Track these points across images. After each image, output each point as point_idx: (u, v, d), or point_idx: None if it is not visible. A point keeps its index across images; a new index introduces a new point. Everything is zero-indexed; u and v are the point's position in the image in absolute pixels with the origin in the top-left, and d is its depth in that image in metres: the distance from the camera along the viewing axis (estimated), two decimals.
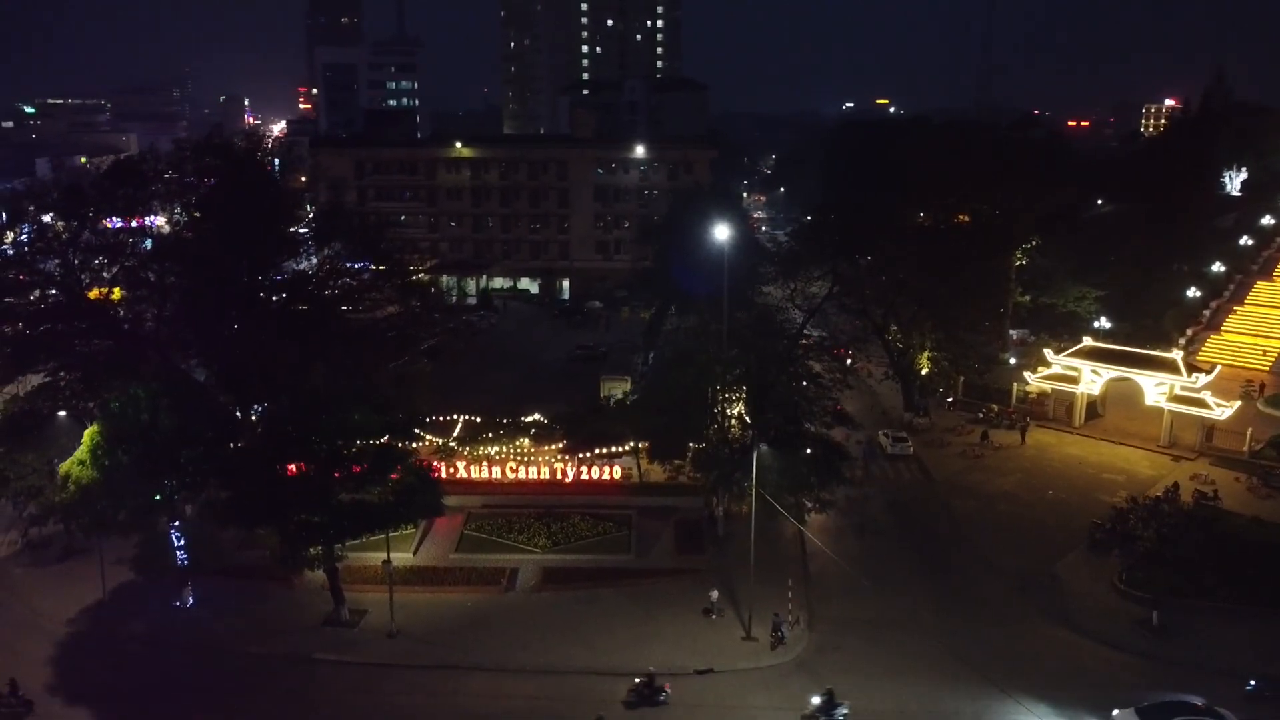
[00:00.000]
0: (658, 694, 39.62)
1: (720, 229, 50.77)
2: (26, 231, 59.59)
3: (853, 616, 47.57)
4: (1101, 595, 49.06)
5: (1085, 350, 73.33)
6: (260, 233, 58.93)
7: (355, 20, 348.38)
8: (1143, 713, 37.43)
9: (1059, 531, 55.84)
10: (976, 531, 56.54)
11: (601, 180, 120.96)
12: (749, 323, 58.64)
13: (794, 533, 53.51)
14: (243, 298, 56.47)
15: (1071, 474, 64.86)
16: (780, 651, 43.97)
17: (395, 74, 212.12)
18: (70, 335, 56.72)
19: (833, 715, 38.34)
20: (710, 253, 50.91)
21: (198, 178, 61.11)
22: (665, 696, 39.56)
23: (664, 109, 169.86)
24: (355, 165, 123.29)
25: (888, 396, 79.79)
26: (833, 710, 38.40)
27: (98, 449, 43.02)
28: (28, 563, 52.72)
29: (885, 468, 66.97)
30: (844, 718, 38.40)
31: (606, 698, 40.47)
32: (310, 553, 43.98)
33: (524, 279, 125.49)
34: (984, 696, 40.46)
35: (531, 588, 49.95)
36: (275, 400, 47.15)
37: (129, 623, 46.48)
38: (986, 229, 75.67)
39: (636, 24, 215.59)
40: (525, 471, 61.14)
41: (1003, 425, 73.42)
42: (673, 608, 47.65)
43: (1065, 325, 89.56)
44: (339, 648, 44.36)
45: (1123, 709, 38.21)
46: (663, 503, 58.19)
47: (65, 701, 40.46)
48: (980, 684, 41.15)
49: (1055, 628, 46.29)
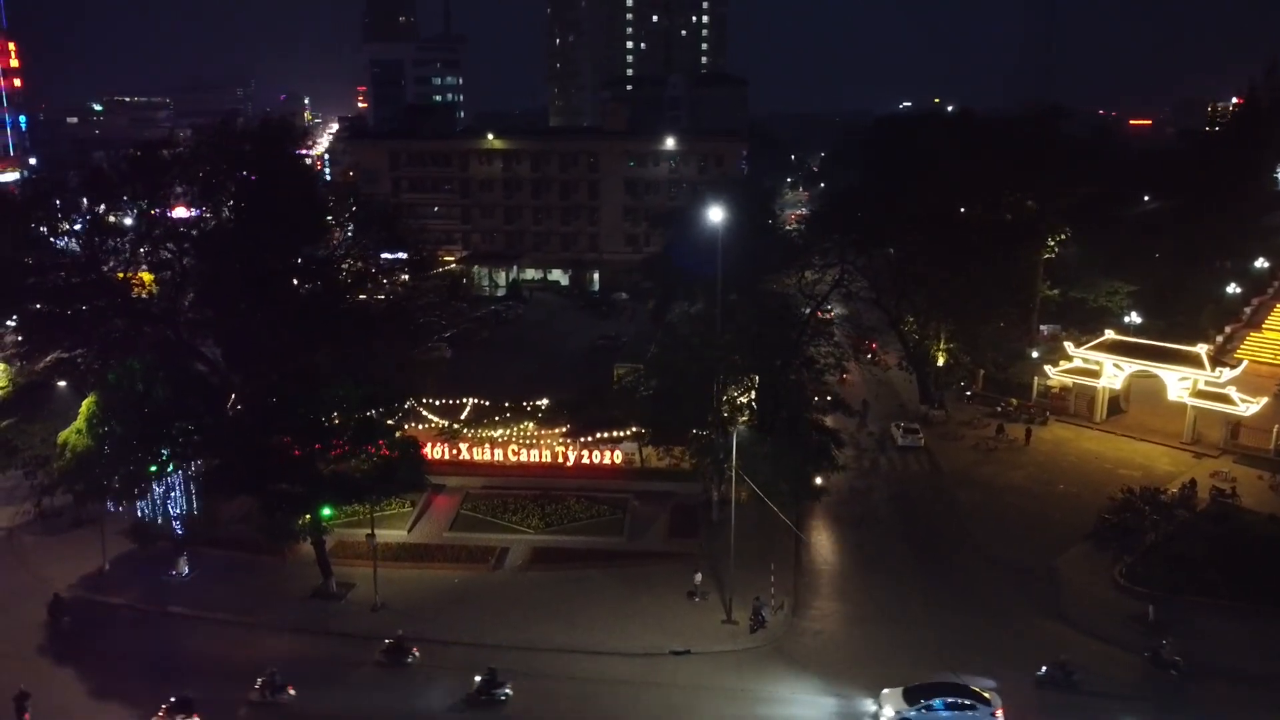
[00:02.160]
0: (497, 688, 38.67)
1: (714, 212, 50.36)
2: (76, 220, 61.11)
3: (840, 604, 47.13)
4: (1100, 589, 47.77)
5: (1107, 343, 71.45)
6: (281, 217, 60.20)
7: (411, 19, 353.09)
8: (908, 693, 37.38)
9: (1064, 526, 54.45)
10: (979, 524, 55.39)
11: (632, 173, 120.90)
12: (753, 310, 58.02)
13: (791, 520, 52.93)
14: (259, 280, 57.31)
15: (1086, 469, 63.22)
16: (760, 635, 43.56)
17: (441, 70, 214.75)
18: (92, 315, 58.44)
19: (492, 694, 38.28)
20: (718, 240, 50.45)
21: (219, 163, 62.60)
22: (505, 696, 38.73)
23: (703, 104, 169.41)
24: (390, 157, 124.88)
25: (906, 389, 78.65)
26: (492, 690, 38.31)
27: (93, 418, 44.15)
28: (38, 531, 54.36)
29: (894, 459, 65.96)
30: (505, 698, 38.35)
31: (578, 674, 40.60)
32: (298, 524, 44.60)
33: (555, 271, 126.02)
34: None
35: (519, 567, 50.17)
36: (265, 374, 47.88)
37: (124, 590, 47.63)
38: (1001, 220, 73.90)
39: (681, 20, 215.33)
40: (527, 454, 61.46)
41: (1020, 419, 71.88)
42: (657, 589, 47.50)
43: (1096, 321, 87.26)
44: (323, 619, 44.98)
45: (891, 688, 37.99)
46: (661, 488, 58.07)
47: (53, 661, 41.67)
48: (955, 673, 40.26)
49: (1047, 621, 45.17)
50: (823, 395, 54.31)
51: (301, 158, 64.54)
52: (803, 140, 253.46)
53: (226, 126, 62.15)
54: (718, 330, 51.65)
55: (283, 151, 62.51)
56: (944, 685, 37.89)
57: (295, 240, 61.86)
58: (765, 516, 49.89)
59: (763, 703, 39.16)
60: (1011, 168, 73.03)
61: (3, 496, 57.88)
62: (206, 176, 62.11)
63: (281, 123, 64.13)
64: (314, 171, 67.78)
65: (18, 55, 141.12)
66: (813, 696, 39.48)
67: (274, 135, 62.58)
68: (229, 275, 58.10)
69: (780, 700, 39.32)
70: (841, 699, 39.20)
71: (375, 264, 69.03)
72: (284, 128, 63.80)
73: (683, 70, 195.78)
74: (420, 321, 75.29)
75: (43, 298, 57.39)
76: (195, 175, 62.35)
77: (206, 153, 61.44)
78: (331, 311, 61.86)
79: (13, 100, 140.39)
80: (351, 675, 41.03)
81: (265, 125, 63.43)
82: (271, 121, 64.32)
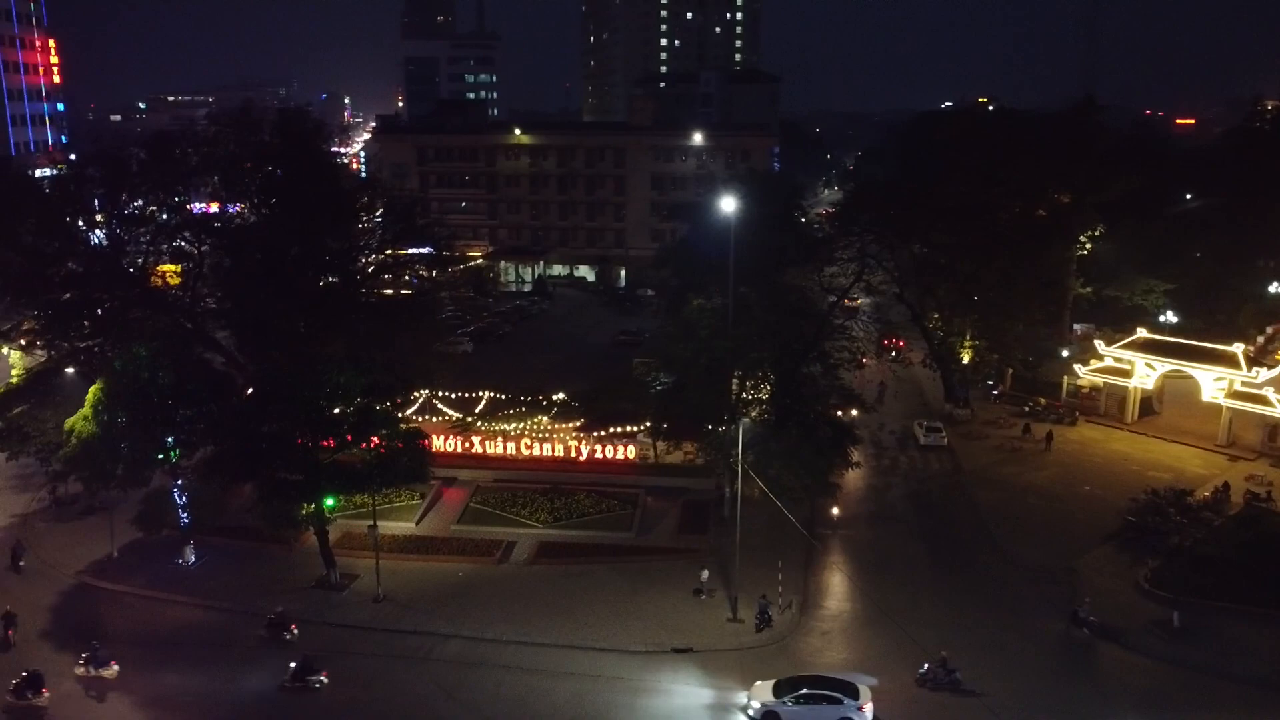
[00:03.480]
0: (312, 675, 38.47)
1: (727, 203, 49.32)
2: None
3: (850, 604, 45.93)
4: (1122, 593, 46.04)
5: (1139, 342, 69.33)
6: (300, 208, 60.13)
7: (449, 19, 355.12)
8: (778, 686, 37.14)
9: (1088, 527, 52.76)
10: (999, 524, 53.80)
11: (658, 168, 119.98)
12: (769, 303, 56.84)
13: (804, 518, 51.81)
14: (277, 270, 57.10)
15: (1114, 470, 61.29)
16: (765, 635, 42.49)
17: (474, 67, 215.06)
18: (111, 304, 58.72)
19: (306, 681, 38.18)
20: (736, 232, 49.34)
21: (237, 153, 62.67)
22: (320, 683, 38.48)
23: (735, 101, 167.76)
24: (417, 152, 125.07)
25: (930, 387, 76.98)
26: (306, 676, 38.23)
27: (98, 405, 44.12)
28: (52, 518, 54.67)
29: (915, 457, 64.45)
30: (319, 685, 38.13)
31: (576, 671, 39.83)
32: (300, 514, 44.24)
33: (582, 266, 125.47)
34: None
35: (524, 561, 49.49)
36: (269, 361, 47.62)
37: (130, 577, 47.62)
38: (1033, 213, 71.86)
39: (715, 17, 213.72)
40: (540, 448, 60.81)
41: (1049, 419, 69.98)
42: (663, 586, 46.58)
43: (1131, 319, 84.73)
44: (324, 609, 44.61)
45: (764, 681, 37.71)
46: (674, 483, 57.17)
47: (54, 647, 41.63)
48: (968, 676, 38.93)
49: (1065, 624, 43.55)
50: (837, 391, 52.81)
51: (322, 148, 63.84)
52: (841, 139, 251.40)
53: (244, 116, 61.92)
54: (730, 322, 50.54)
55: (303, 142, 62.37)
56: (813, 678, 37.65)
57: (313, 231, 61.64)
58: (777, 513, 48.78)
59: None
60: (1044, 160, 70.99)
61: (20, 483, 58.49)
62: (226, 166, 62.39)
63: (299, 113, 63.76)
64: (336, 162, 66.92)
65: (58, 52, 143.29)
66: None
67: (292, 125, 62.42)
68: (247, 265, 58.17)
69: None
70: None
71: (394, 257, 68.90)
72: (302, 118, 63.50)
73: (716, 68, 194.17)
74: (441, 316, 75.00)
75: (64, 287, 57.76)
76: (214, 165, 62.66)
77: (224, 142, 61.61)
78: (348, 303, 61.75)
79: (52, 97, 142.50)
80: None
81: (283, 114, 63.20)
82: (289, 111, 63.97)
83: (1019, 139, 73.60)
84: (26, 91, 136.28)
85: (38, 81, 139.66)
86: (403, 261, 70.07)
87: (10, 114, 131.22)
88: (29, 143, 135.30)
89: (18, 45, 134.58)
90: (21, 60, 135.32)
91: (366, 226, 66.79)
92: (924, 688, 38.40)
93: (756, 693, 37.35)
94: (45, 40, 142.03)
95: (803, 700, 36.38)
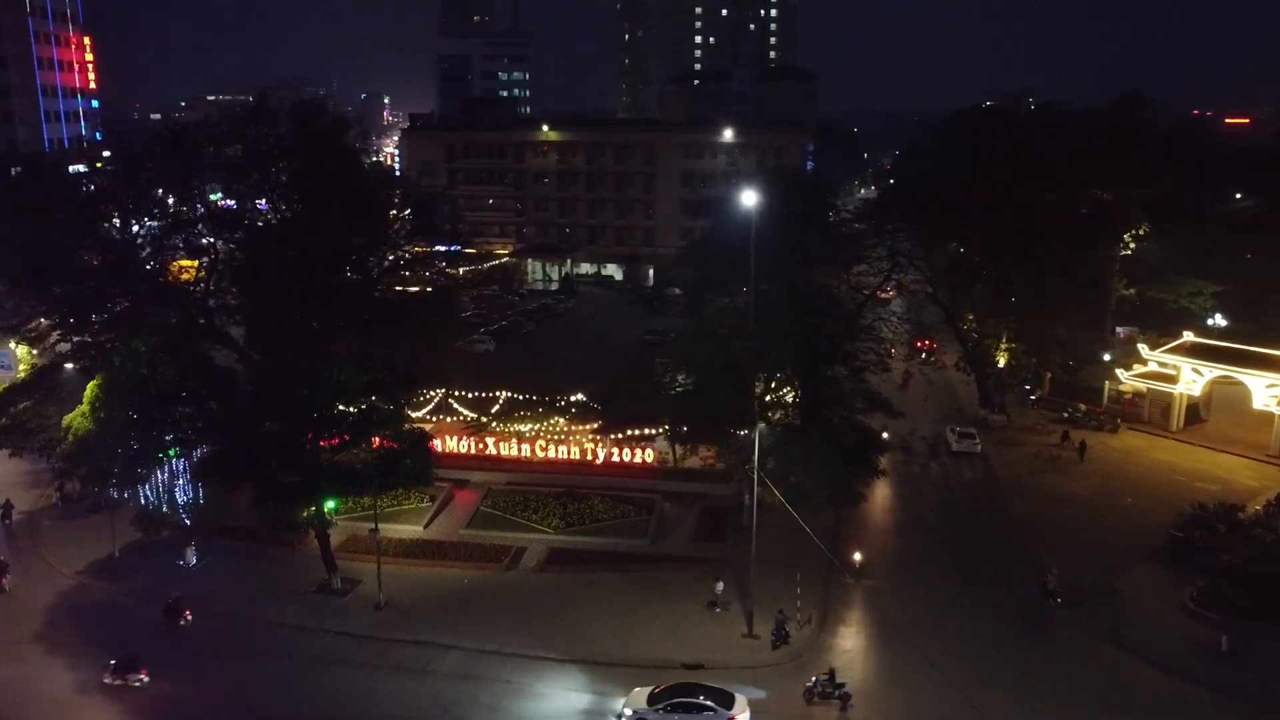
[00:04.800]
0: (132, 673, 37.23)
1: (748, 195, 47.04)
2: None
3: (872, 619, 43.37)
4: (1167, 614, 43.15)
5: (1185, 346, 66.02)
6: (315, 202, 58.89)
7: (486, 18, 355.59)
8: (652, 696, 35.86)
9: (1129, 542, 49.84)
10: (1034, 536, 51.00)
11: (688, 165, 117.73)
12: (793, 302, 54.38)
13: (827, 527, 49.48)
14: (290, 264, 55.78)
15: (1158, 481, 58.19)
16: (781, 652, 40.20)
17: (508, 65, 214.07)
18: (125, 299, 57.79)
19: (126, 679, 36.88)
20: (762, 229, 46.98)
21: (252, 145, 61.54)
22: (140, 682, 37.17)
23: (769, 99, 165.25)
24: (445, 149, 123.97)
25: (964, 391, 74.09)
26: (126, 674, 36.93)
27: (96, 401, 42.92)
28: (58, 516, 53.71)
29: (947, 465, 61.73)
30: (140, 684, 36.84)
31: (576, 688, 37.84)
32: (301, 516, 42.69)
33: (609, 265, 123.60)
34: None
35: (533, 568, 47.58)
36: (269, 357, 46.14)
37: (130, 579, 46.40)
38: (1074, 211, 68.66)
39: (750, 14, 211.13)
40: (555, 451, 58.95)
41: (1089, 426, 66.89)
42: (676, 597, 44.44)
43: (1177, 323, 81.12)
44: (323, 615, 43.00)
45: (641, 688, 36.50)
46: (692, 488, 55.04)
47: (46, 651, 40.41)
48: (996, 704, 36.44)
49: (1104, 646, 40.79)
50: (863, 394, 50.24)
51: (342, 142, 62.48)
52: (878, 139, 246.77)
53: (259, 108, 60.73)
54: (749, 321, 48.25)
55: (320, 135, 61.06)
56: (687, 686, 36.27)
57: (328, 226, 60.32)
58: (797, 522, 46.35)
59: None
60: (1087, 154, 67.84)
61: (32, 479, 57.72)
62: (242, 160, 61.29)
63: (315, 105, 62.43)
64: (356, 158, 65.59)
65: (92, 50, 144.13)
66: None
67: (309, 118, 61.16)
68: (260, 260, 56.99)
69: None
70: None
71: (411, 254, 67.46)
72: (318, 110, 62.18)
73: (751, 65, 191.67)
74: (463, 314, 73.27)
75: (78, 280, 56.89)
76: (228, 157, 61.58)
77: (236, 134, 60.46)
78: (363, 300, 60.34)
79: (86, 94, 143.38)
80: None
81: (297, 106, 61.88)
82: (304, 103, 62.62)
83: (1060, 133, 70.34)
84: (61, 89, 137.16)
85: (72, 78, 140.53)
86: (420, 258, 68.65)
87: (44, 110, 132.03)
88: (62, 139, 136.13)
89: (52, 42, 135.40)
90: (56, 57, 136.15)
91: (385, 223, 65.36)
92: (811, 704, 36.51)
93: (632, 700, 35.96)
94: (80, 38, 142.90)
95: (672, 709, 35.03)
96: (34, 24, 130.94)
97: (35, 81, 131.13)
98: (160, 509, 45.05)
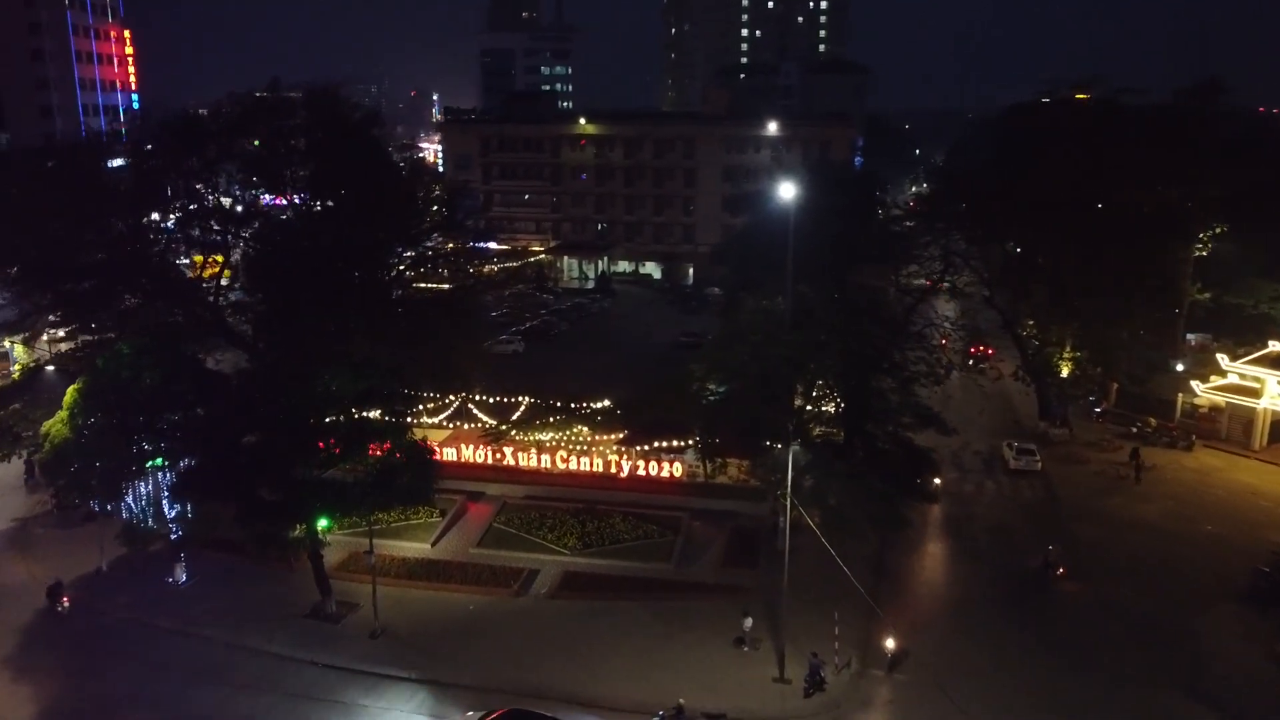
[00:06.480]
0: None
1: (785, 188, 42.65)
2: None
3: (918, 660, 38.67)
4: (1251, 663, 38.07)
5: (1270, 357, 60.17)
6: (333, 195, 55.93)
7: (534, 15, 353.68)
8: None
9: (1209, 576, 44.67)
10: (1099, 567, 46.00)
11: (731, 160, 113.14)
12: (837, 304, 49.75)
13: (870, 554, 44.96)
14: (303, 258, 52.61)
15: (1239, 506, 52.73)
16: (815, 700, 35.81)
17: (550, 60, 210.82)
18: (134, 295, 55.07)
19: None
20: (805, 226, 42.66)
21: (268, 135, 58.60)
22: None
23: (817, 92, 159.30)
24: (480, 142, 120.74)
25: (1023, 403, 68.77)
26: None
27: (74, 407, 39.78)
28: (51, 524, 50.98)
29: (1004, 483, 56.70)
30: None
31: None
32: (292, 536, 39.19)
33: (648, 263, 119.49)
34: None
35: (545, 593, 43.63)
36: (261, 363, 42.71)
37: (115, 596, 43.32)
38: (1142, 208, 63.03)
39: (798, 6, 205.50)
40: (577, 462, 55.01)
41: (1160, 443, 61.39)
42: (700, 631, 40.20)
43: (1256, 330, 74.83)
44: (313, 644, 39.45)
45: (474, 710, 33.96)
46: (723, 506, 50.80)
47: (13, 675, 37.36)
48: None
49: (1181, 698, 35.86)
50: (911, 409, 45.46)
51: (368, 135, 59.29)
52: (932, 137, 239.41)
53: (269, 95, 57.64)
54: (786, 325, 43.82)
55: (340, 126, 57.90)
56: (519, 713, 33.57)
57: (345, 222, 57.14)
58: (841, 548, 41.63)
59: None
60: (1156, 148, 62.31)
61: (31, 484, 55.16)
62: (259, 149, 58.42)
63: (328, 91, 59.08)
64: (381, 151, 62.40)
65: (132, 43, 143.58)
66: None
67: (325, 108, 58.02)
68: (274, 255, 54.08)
69: None
70: None
71: (435, 251, 64.09)
72: (333, 98, 58.90)
73: (799, 59, 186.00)
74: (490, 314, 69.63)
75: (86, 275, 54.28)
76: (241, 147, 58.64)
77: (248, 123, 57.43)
78: (379, 300, 57.03)
79: (126, 89, 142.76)
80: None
81: (310, 94, 58.64)
82: (317, 90, 59.29)
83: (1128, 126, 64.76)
84: (100, 82, 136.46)
85: (111, 72, 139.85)
86: (443, 256, 65.18)
87: (82, 103, 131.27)
88: (101, 133, 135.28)
89: (92, 36, 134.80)
90: (95, 51, 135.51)
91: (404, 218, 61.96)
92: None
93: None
94: (120, 31, 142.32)
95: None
96: (72, 17, 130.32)
97: (73, 75, 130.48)
98: (146, 523, 41.71)
